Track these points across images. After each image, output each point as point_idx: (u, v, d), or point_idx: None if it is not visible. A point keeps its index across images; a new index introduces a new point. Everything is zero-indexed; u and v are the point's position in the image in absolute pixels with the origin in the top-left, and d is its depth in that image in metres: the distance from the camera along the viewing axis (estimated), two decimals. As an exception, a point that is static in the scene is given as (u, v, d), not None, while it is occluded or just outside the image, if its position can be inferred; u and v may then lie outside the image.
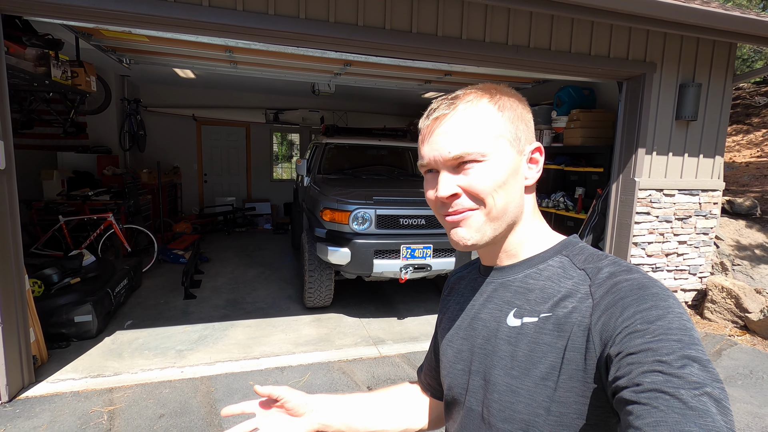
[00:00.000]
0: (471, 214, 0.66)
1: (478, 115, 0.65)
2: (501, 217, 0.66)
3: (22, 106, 4.76)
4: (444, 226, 0.70)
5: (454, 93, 0.69)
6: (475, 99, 0.66)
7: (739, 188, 6.68)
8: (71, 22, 2.98)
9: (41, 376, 3.05)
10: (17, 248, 2.84)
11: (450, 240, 0.69)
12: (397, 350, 3.67)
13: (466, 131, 0.64)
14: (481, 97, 0.67)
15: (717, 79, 4.33)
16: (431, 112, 0.68)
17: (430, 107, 0.69)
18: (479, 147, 0.64)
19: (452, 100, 0.67)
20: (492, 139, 0.65)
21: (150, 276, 5.36)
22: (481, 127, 0.65)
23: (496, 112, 0.66)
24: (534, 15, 3.61)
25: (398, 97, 8.61)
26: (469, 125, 0.65)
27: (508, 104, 0.68)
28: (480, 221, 0.66)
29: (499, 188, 0.65)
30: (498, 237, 0.68)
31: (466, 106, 0.66)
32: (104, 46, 4.39)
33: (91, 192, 5.59)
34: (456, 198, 0.65)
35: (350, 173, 5.31)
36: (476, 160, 0.64)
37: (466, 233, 0.66)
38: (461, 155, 0.64)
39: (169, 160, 8.52)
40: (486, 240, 0.67)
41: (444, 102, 0.67)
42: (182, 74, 6.72)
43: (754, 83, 10.22)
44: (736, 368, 3.47)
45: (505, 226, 0.68)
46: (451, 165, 0.65)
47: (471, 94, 0.67)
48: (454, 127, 0.65)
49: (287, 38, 3.21)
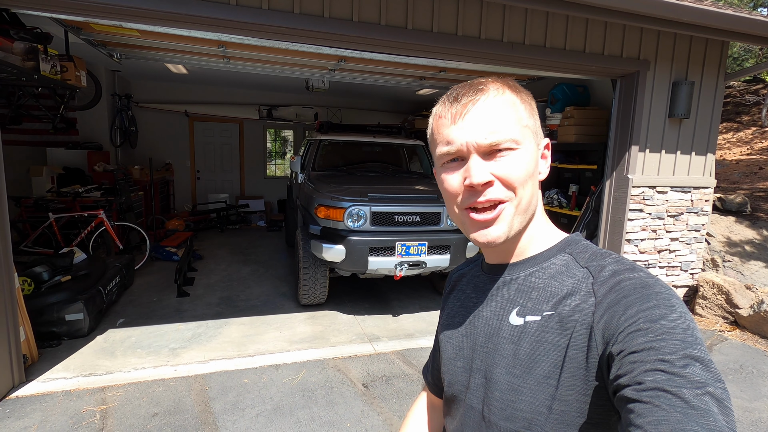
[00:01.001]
0: (503, 208, 0.63)
1: (508, 103, 0.64)
2: (527, 210, 0.66)
3: (10, 101, 4.68)
4: (464, 221, 0.67)
5: (473, 81, 0.67)
6: (501, 88, 0.65)
7: (729, 185, 6.76)
8: (60, 15, 2.93)
9: (32, 375, 3.00)
10: (6, 246, 2.79)
11: (474, 237, 0.65)
12: (392, 347, 3.67)
13: (501, 117, 0.63)
14: (504, 87, 0.66)
15: (709, 77, 4.36)
16: (460, 97, 0.64)
17: (455, 92, 0.66)
18: (514, 134, 0.63)
19: (480, 87, 0.65)
20: (522, 128, 0.64)
21: (142, 274, 5.31)
22: (513, 115, 0.64)
23: (520, 103, 0.65)
24: (529, 12, 3.61)
25: (392, 93, 8.59)
26: (503, 112, 0.63)
27: (526, 98, 0.67)
28: (510, 213, 0.64)
29: (529, 178, 0.64)
30: (519, 232, 0.67)
31: (497, 94, 0.64)
32: (94, 41, 4.32)
33: (81, 189, 5.51)
34: (489, 186, 0.63)
35: (345, 170, 5.29)
36: (511, 148, 0.63)
37: (496, 232, 0.64)
38: (498, 141, 0.62)
39: (161, 157, 8.43)
40: (512, 234, 0.66)
41: (470, 88, 0.65)
42: (174, 69, 6.63)
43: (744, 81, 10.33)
44: (726, 363, 3.52)
45: (526, 221, 0.67)
46: (484, 151, 0.63)
47: (495, 83, 0.66)
48: (489, 112, 0.63)
49: (281, 33, 3.17)
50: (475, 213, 0.65)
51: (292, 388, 2.97)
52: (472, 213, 0.65)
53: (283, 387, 2.99)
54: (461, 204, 0.66)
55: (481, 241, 0.65)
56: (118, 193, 5.72)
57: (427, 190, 4.41)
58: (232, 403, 2.79)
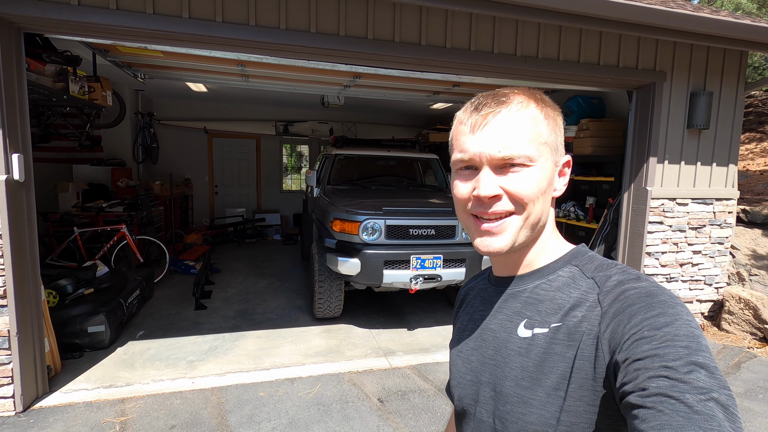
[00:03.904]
0: (508, 220, 0.64)
1: (529, 119, 0.64)
2: (535, 225, 0.66)
3: (40, 121, 4.89)
4: (468, 225, 0.68)
5: (499, 90, 0.67)
6: (525, 101, 0.65)
7: (754, 197, 6.56)
8: (90, 39, 3.07)
9: (55, 386, 3.07)
10: (34, 259, 2.89)
11: (477, 244, 0.67)
12: (407, 362, 3.64)
13: (518, 132, 0.62)
14: (529, 100, 0.65)
15: (728, 87, 4.29)
16: (481, 107, 0.64)
17: (477, 101, 0.66)
18: (529, 151, 0.62)
19: (503, 99, 0.64)
20: (539, 145, 0.64)
21: (161, 287, 5.40)
22: (532, 131, 0.63)
23: (543, 119, 0.65)
24: (542, 26, 3.64)
25: (407, 108, 8.68)
26: (521, 127, 0.63)
27: (551, 113, 0.67)
28: (517, 226, 0.64)
29: (541, 196, 0.64)
30: (524, 244, 0.68)
31: (519, 108, 0.64)
32: (120, 62, 4.51)
33: (105, 204, 5.69)
34: (497, 200, 0.63)
35: (359, 184, 5.34)
36: (524, 164, 0.63)
37: (498, 243, 0.65)
38: (512, 156, 0.62)
39: (181, 172, 8.65)
40: (516, 246, 0.66)
41: (493, 98, 0.65)
42: (195, 88, 6.85)
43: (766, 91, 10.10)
44: (756, 381, 3.38)
45: (534, 234, 0.67)
46: (496, 164, 0.63)
47: (520, 95, 0.65)
48: (507, 126, 0.63)
49: (298, 52, 3.27)
50: (480, 220, 0.65)
51: (308, 402, 2.97)
52: (478, 220, 0.66)
53: (298, 401, 2.99)
54: (466, 212, 0.67)
55: (483, 249, 0.66)
56: (139, 207, 5.88)
57: (442, 204, 4.41)
58: (248, 416, 2.79)
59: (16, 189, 2.72)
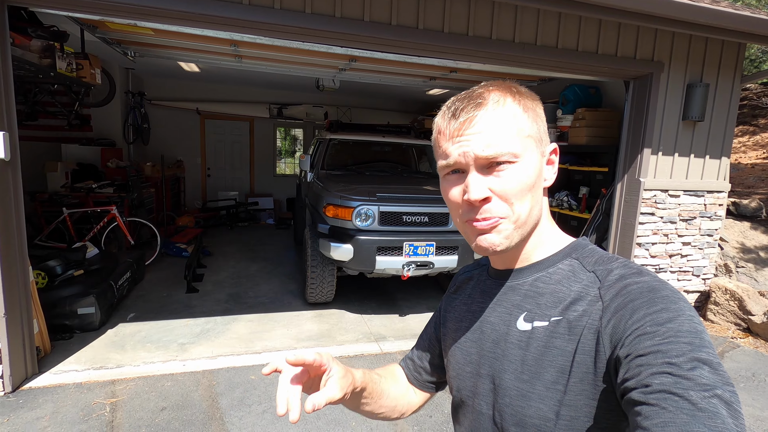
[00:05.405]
0: (500, 222, 0.63)
1: (507, 115, 0.63)
2: (526, 223, 0.65)
3: (27, 98, 4.77)
4: (466, 231, 0.67)
5: (474, 91, 0.66)
6: (501, 98, 0.64)
7: (744, 190, 6.63)
8: (77, 14, 2.97)
9: (44, 367, 3.06)
10: (21, 240, 2.85)
11: (476, 246, 0.66)
12: (398, 347, 3.67)
13: (499, 131, 0.62)
14: (505, 95, 0.64)
15: (725, 79, 4.28)
16: (459, 112, 0.63)
17: (454, 106, 0.65)
18: (512, 147, 0.62)
19: (479, 100, 0.63)
20: (522, 139, 0.63)
21: (153, 269, 5.37)
22: (513, 127, 0.62)
23: (521, 112, 0.64)
24: (541, 12, 3.58)
25: (402, 93, 8.58)
26: (501, 125, 0.62)
27: (530, 104, 0.66)
28: (509, 228, 0.64)
29: (529, 191, 0.63)
30: (522, 240, 0.67)
31: (496, 106, 0.63)
32: (109, 39, 4.38)
33: (94, 184, 5.60)
34: (487, 202, 0.62)
35: (354, 169, 5.30)
36: (509, 161, 0.62)
37: (496, 239, 0.64)
38: (496, 155, 0.61)
39: (172, 154, 8.52)
40: (512, 245, 0.65)
41: (469, 101, 0.64)
42: (187, 68, 6.71)
43: (762, 84, 10.13)
44: (738, 371, 3.46)
45: (529, 230, 0.67)
46: (482, 165, 0.62)
47: (495, 92, 0.64)
48: (486, 126, 0.62)
49: (293, 33, 3.19)
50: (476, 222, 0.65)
51: (299, 386, 2.99)
52: (475, 222, 0.65)
53: (289, 384, 3.00)
54: (462, 217, 0.66)
55: (482, 245, 0.65)
56: (130, 189, 5.80)
57: (436, 191, 4.40)
58: (239, 399, 2.81)
59: (1, 167, 2.66)
